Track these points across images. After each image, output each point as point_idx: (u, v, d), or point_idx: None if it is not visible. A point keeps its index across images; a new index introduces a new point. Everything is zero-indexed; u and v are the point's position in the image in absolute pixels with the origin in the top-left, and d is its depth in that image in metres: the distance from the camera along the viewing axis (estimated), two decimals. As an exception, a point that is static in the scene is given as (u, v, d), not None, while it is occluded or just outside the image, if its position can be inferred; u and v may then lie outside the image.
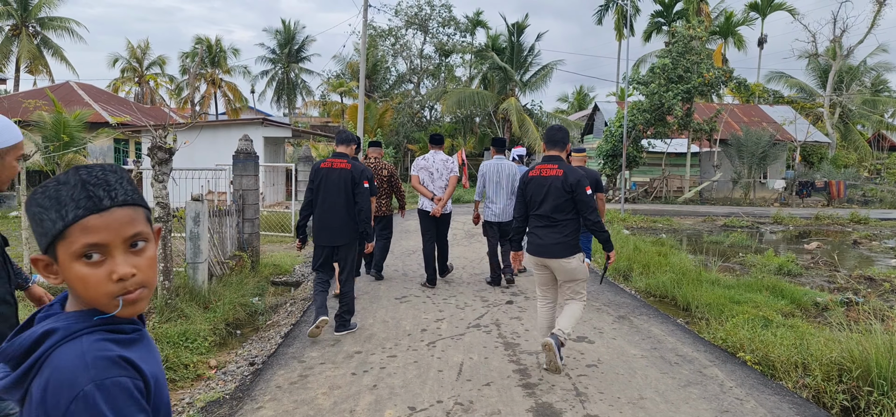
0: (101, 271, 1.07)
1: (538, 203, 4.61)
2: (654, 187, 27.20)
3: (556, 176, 4.52)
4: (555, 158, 4.64)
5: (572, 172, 4.53)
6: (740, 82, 27.88)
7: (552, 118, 33.05)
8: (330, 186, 5.46)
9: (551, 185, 4.53)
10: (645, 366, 4.84)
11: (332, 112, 38.59)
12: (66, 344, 1.05)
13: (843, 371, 4.31)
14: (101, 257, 1.08)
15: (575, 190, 4.47)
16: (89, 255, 1.07)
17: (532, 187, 4.67)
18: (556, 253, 4.54)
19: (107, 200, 1.08)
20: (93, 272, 1.07)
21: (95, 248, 1.07)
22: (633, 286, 8.29)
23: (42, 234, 1.10)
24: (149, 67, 43.32)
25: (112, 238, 1.08)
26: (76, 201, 1.07)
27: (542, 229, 4.60)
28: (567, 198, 4.49)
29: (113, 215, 1.08)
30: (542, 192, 4.58)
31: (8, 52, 33.99)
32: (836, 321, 5.50)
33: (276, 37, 45.55)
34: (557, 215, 4.53)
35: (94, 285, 1.07)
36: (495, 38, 34.70)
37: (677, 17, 38.99)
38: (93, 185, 1.09)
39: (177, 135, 6.59)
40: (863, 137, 35.32)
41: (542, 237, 4.60)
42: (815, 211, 21.07)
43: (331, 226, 5.47)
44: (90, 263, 1.07)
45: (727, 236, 13.96)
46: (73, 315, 1.09)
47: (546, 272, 4.75)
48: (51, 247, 1.09)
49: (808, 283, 8.60)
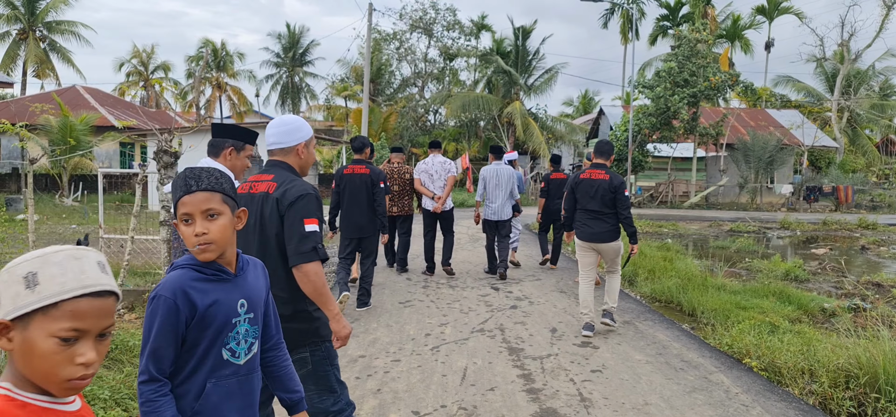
0: (189, 229, 1.77)
1: (588, 199, 5.74)
2: (660, 192, 27.11)
3: (603, 180, 5.67)
4: (602, 165, 5.82)
5: (616, 176, 5.70)
6: (747, 86, 27.82)
7: (557, 122, 32.98)
8: (354, 188, 6.53)
9: (599, 186, 5.68)
10: (650, 372, 4.80)
11: (336, 116, 38.65)
12: (173, 271, 1.80)
13: (851, 377, 4.27)
14: (191, 221, 1.77)
15: (617, 192, 5.62)
16: (186, 219, 1.77)
17: (583, 188, 5.80)
18: (604, 239, 5.72)
19: (194, 186, 1.78)
20: (185, 230, 1.78)
21: (187, 216, 1.77)
22: (639, 292, 8.25)
23: (173, 206, 1.81)
24: (154, 70, 43.55)
25: (194, 210, 1.76)
26: (179, 188, 1.78)
27: (592, 220, 5.75)
28: (611, 197, 5.63)
29: (195, 196, 1.77)
30: (592, 191, 5.71)
31: (15, 55, 34.22)
32: (844, 328, 5.45)
33: (281, 41, 45.67)
34: (605, 209, 5.68)
35: (186, 237, 1.77)
36: (500, 42, 34.69)
37: (683, 21, 38.90)
38: (188, 178, 1.79)
39: (182, 139, 6.62)
40: (871, 142, 35.11)
41: (592, 227, 5.75)
42: (823, 216, 20.94)
43: (357, 222, 6.53)
44: (186, 225, 1.78)
45: (733, 242, 13.88)
46: (186, 258, 1.81)
47: (592, 255, 5.88)
48: (175, 214, 1.81)
49: (816, 288, 8.54)
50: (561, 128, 32.56)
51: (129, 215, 8.06)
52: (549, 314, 6.67)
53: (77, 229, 12.87)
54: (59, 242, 11.17)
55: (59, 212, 16.35)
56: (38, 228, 11.88)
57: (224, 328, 1.80)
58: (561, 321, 6.37)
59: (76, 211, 16.55)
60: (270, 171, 2.71)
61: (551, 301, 7.29)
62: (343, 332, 2.66)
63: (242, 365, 1.86)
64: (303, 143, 2.76)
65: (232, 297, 1.82)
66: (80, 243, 1.72)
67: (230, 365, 1.83)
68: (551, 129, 31.88)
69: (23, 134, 6.68)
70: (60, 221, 14.34)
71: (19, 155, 25.34)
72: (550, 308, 6.93)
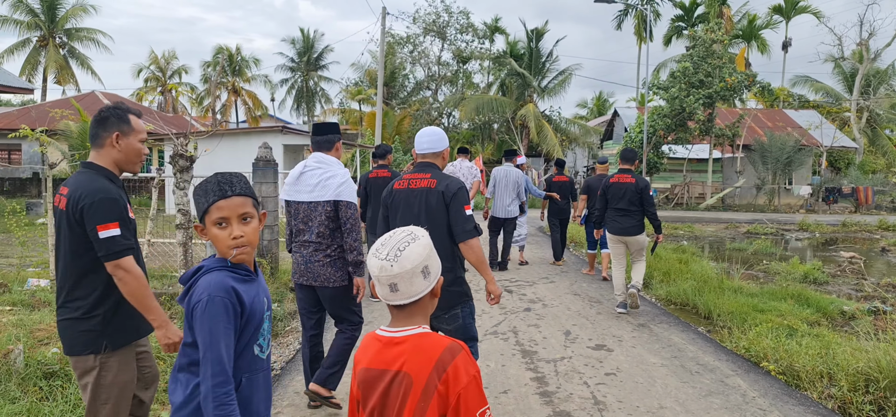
0: (225, 232, 1.85)
1: (617, 200, 6.75)
2: (676, 194, 26.87)
3: (630, 183, 6.70)
4: (628, 170, 6.85)
5: (641, 179, 6.77)
6: (764, 87, 27.44)
7: (571, 124, 32.80)
8: (377, 189, 6.92)
9: (627, 188, 6.70)
10: (665, 375, 4.76)
11: (350, 120, 38.77)
12: (208, 274, 1.85)
13: (870, 381, 4.20)
14: (226, 225, 1.85)
15: (643, 192, 6.67)
16: (220, 223, 1.85)
17: (613, 189, 6.80)
18: (631, 232, 6.74)
19: (229, 191, 1.86)
20: (221, 233, 1.85)
21: (222, 220, 1.85)
22: (654, 294, 8.18)
23: (199, 210, 1.87)
24: (171, 76, 44.04)
25: (231, 214, 1.85)
26: (212, 192, 1.86)
27: (621, 217, 6.75)
28: (638, 197, 6.65)
29: (232, 201, 1.85)
30: (621, 192, 6.73)
31: (36, 62, 34.77)
32: (864, 331, 5.37)
33: (295, 46, 45.98)
34: (632, 207, 6.69)
35: (221, 241, 1.85)
36: (514, 44, 34.60)
37: (698, 21, 38.52)
38: (223, 183, 1.87)
39: (198, 143, 6.69)
40: (891, 142, 34.47)
41: (621, 223, 6.76)
42: (842, 218, 20.63)
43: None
44: (220, 228, 1.85)
45: (751, 244, 13.72)
46: (215, 260, 1.89)
47: (621, 246, 6.91)
48: (202, 218, 1.87)
49: (835, 291, 8.41)
50: (575, 130, 32.40)
51: (147, 219, 8.16)
52: (563, 316, 6.64)
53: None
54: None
55: (79, 216, 16.55)
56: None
57: (258, 326, 1.92)
58: (575, 323, 6.33)
59: (95, 215, 16.78)
60: (426, 170, 3.47)
61: (565, 304, 7.26)
62: (498, 291, 3.43)
63: (265, 360, 2.00)
64: (447, 149, 3.59)
65: (259, 296, 1.94)
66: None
67: (259, 361, 1.96)
68: (565, 131, 31.72)
69: (42, 139, 6.78)
70: (79, 224, 14.53)
71: (40, 160, 25.76)
72: (564, 311, 6.90)
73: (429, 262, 1.63)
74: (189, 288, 1.87)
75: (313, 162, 3.82)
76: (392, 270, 1.58)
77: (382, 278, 1.60)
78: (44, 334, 4.57)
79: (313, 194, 3.75)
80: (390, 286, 1.60)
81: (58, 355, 4.00)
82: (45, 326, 4.74)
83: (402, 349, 1.60)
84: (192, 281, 1.87)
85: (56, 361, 3.93)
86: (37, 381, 3.78)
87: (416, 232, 1.66)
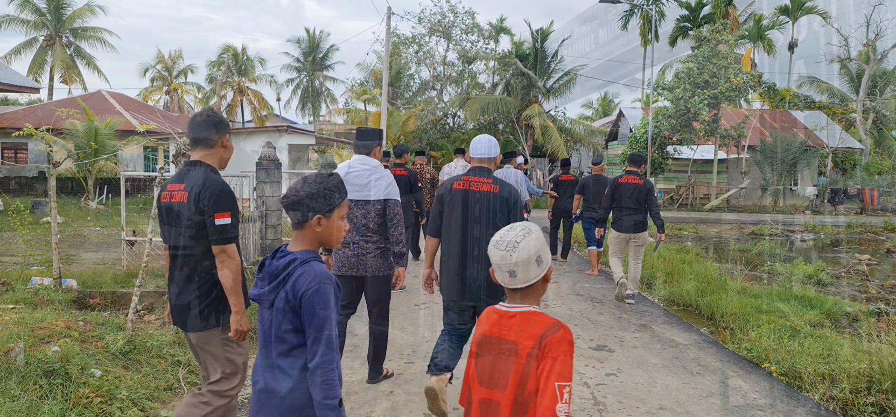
0: (343, 224, 2.17)
1: (625, 199, 7.23)
2: (680, 195, 26.79)
3: (637, 184, 7.24)
4: (635, 172, 7.36)
5: (647, 181, 7.33)
6: (770, 87, 27.33)
7: (576, 125, 32.75)
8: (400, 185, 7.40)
9: (635, 189, 7.22)
10: (665, 376, 4.75)
11: (356, 120, 38.78)
12: (306, 264, 2.01)
13: (873, 382, 4.18)
14: (343, 219, 2.17)
15: (649, 193, 7.21)
16: (343, 217, 2.16)
17: (622, 190, 7.28)
18: (637, 230, 7.27)
19: (345, 192, 2.17)
20: (341, 225, 2.15)
21: (344, 215, 2.17)
22: (656, 295, 8.16)
23: (328, 203, 2.09)
24: (177, 75, 44.19)
25: (346, 211, 2.18)
26: (342, 190, 2.14)
27: (628, 215, 7.26)
28: (644, 197, 7.18)
29: (346, 200, 2.17)
30: (629, 192, 7.22)
31: (43, 61, 34.98)
32: (867, 332, 5.33)
33: (301, 46, 46.07)
34: (638, 206, 7.21)
35: (341, 232, 2.16)
36: (519, 45, 34.54)
37: (704, 22, 38.35)
38: (342, 184, 2.15)
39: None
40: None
41: (627, 221, 7.27)
42: (848, 219, 20.52)
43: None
44: (343, 221, 2.16)
45: (755, 245, 13.66)
46: (304, 252, 2.05)
47: (623, 243, 7.43)
48: (329, 212, 2.09)
49: (839, 293, 8.37)
50: (580, 130, 32.33)
51: (149, 218, 8.17)
52: (565, 317, 6.62)
53: (100, 231, 13.10)
54: (82, 244, 11.37)
55: (84, 215, 16.65)
56: (63, 229, 12.13)
57: None
58: (577, 324, 6.32)
59: (101, 214, 16.84)
60: (483, 174, 3.85)
61: (567, 304, 7.25)
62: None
63: None
64: (499, 155, 3.99)
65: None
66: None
67: None
68: (570, 131, 31.66)
69: (47, 138, 6.80)
70: (85, 223, 14.59)
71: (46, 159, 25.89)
72: (566, 311, 6.88)
73: (542, 252, 1.90)
74: (283, 279, 2.01)
75: (358, 164, 4.21)
76: (511, 259, 1.87)
77: (503, 265, 1.89)
78: (45, 332, 4.59)
79: (363, 192, 4.13)
80: (510, 272, 1.89)
81: (58, 353, 4.02)
82: (47, 324, 4.76)
83: (513, 323, 1.91)
84: (286, 274, 2.01)
85: (56, 359, 3.95)
86: (37, 379, 3.80)
87: (530, 227, 1.93)
